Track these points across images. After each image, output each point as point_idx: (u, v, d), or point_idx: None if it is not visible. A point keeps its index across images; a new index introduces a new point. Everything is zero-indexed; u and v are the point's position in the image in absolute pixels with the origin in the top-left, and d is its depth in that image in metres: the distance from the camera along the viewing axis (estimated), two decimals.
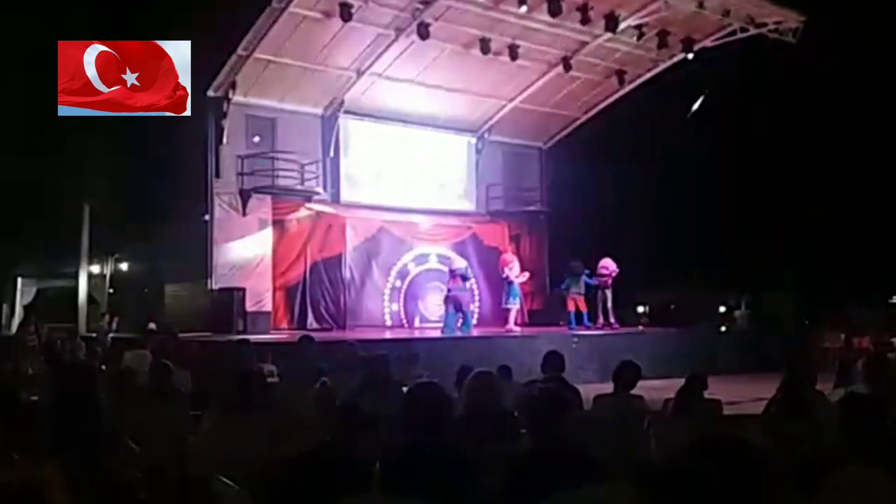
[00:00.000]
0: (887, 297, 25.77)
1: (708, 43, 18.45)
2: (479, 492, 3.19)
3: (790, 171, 24.91)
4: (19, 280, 19.27)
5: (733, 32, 18.05)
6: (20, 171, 17.49)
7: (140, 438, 4.22)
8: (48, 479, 3.18)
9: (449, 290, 15.98)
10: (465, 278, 16.02)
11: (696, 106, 16.59)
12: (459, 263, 17.09)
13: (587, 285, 16.96)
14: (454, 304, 15.69)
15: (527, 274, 17.43)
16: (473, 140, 20.89)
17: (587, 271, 16.98)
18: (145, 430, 4.49)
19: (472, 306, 16.64)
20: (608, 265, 17.26)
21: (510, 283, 16.64)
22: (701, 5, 16.48)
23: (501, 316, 17.35)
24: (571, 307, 16.80)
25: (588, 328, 16.68)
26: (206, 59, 13.45)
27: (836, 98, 22.99)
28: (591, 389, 5.42)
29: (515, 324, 16.86)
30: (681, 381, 5.80)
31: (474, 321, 17.67)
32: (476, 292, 19.31)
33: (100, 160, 18.34)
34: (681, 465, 2.07)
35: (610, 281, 17.23)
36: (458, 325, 15.61)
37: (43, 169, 17.83)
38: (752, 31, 17.68)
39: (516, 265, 16.99)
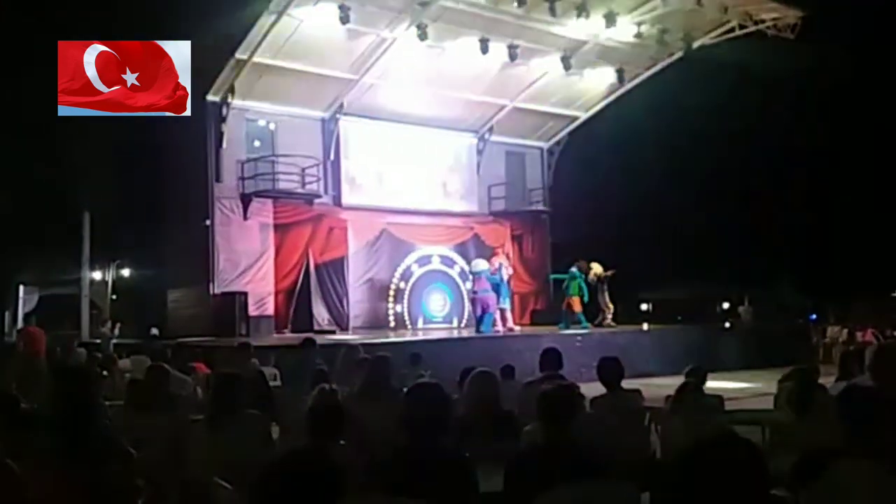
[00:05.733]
0: (890, 291, 25.71)
1: (706, 40, 18.43)
2: (477, 490, 3.17)
3: (791, 167, 24.88)
4: (21, 288, 19.25)
5: (732, 29, 18.04)
6: (20, 178, 17.49)
7: (139, 443, 4.19)
8: (48, 486, 3.16)
9: (474, 293, 16.14)
10: (489, 280, 16.10)
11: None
12: (480, 266, 16.93)
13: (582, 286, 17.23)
14: (481, 305, 15.88)
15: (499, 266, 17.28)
16: (474, 140, 20.86)
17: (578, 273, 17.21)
18: (144, 435, 4.47)
19: (495, 307, 16.55)
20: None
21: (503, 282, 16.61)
22: (699, 2, 16.46)
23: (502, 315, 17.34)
24: (565, 307, 17.19)
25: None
26: (205, 63, 13.43)
27: (836, 94, 22.96)
28: (595, 388, 5.38)
29: (508, 323, 16.84)
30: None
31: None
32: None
33: (100, 167, 18.33)
34: (681, 460, 2.05)
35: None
36: (481, 325, 15.79)
37: (43, 176, 17.83)
38: (751, 27, 17.67)
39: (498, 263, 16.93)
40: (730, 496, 1.97)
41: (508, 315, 16.60)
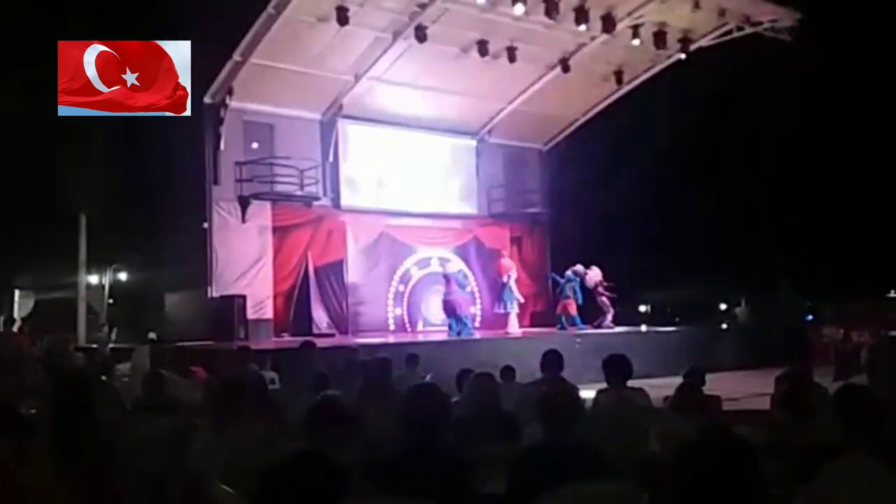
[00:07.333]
0: (886, 291, 25.81)
1: (704, 42, 18.47)
2: (476, 491, 3.18)
3: (789, 168, 24.92)
4: (17, 292, 19.20)
5: (729, 31, 18.08)
6: (16, 182, 17.47)
7: (139, 448, 4.19)
8: (47, 491, 3.16)
9: (445, 295, 16.10)
10: (458, 282, 16.08)
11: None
12: (453, 267, 17.03)
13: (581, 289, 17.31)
14: (450, 308, 15.84)
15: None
16: (473, 142, 20.87)
17: (573, 276, 17.30)
18: (144, 440, 4.46)
19: (471, 309, 16.61)
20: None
21: (507, 286, 16.71)
22: (697, 5, 16.50)
23: (502, 319, 17.40)
24: (559, 310, 17.31)
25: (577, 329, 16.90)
26: (203, 65, 13.40)
27: (833, 95, 23.01)
28: (594, 389, 5.39)
29: (508, 326, 16.88)
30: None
31: (476, 324, 17.69)
32: (476, 294, 19.32)
33: (96, 170, 18.32)
34: (679, 459, 2.06)
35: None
36: (458, 329, 15.68)
37: (39, 180, 17.81)
38: (748, 29, 17.72)
39: (514, 270, 17.17)
40: (726, 495, 1.99)
41: (512, 319, 16.66)
